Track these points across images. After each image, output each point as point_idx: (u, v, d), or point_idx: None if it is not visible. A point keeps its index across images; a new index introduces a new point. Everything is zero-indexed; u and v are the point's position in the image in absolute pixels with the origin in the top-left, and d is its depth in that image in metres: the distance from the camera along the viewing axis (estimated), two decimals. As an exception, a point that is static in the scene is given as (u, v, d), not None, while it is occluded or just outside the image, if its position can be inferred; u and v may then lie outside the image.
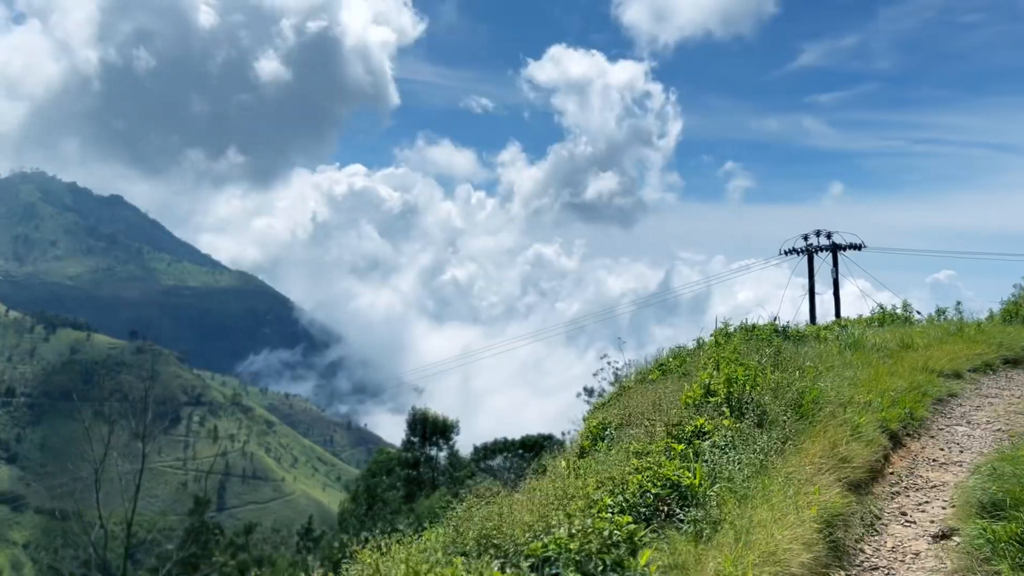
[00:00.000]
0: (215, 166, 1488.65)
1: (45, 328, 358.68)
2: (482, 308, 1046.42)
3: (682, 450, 7.84)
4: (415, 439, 47.76)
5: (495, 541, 5.63)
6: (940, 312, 23.02)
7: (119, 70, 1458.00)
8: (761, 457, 8.17)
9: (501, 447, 53.64)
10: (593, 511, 6.00)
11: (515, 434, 51.71)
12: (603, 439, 9.88)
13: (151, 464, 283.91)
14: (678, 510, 6.66)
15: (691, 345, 16.54)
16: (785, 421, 9.44)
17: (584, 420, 13.02)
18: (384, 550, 6.04)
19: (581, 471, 7.51)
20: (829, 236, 38.08)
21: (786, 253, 38.30)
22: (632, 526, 5.76)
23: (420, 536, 6.76)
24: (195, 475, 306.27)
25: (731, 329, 15.05)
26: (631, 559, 5.40)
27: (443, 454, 48.46)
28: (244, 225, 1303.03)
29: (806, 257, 37.86)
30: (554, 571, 5.13)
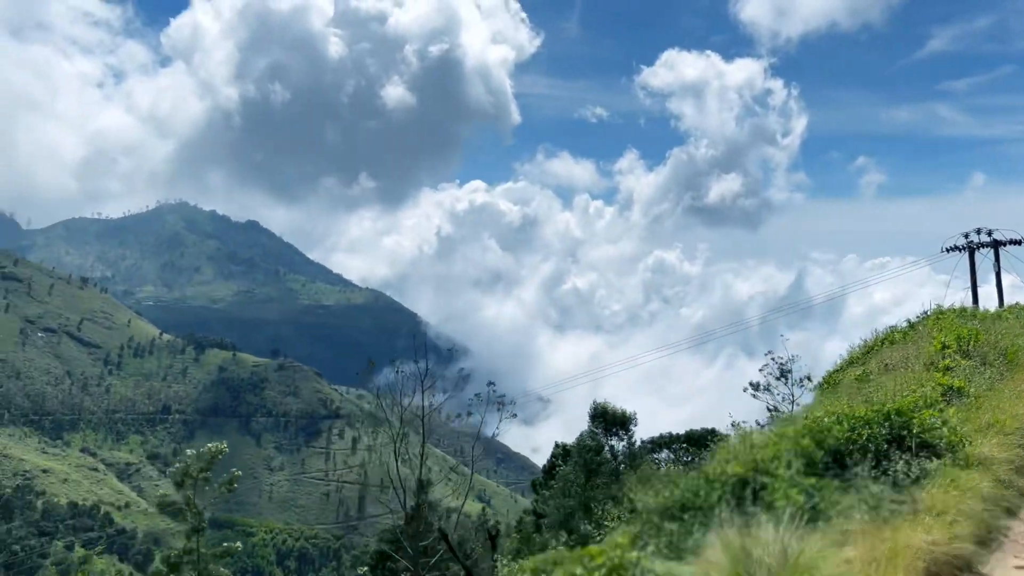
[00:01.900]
0: (348, 192, 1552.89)
1: (195, 349, 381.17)
2: (604, 316, 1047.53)
3: (940, 376, 12.92)
4: (597, 430, 52.27)
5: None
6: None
7: (257, 104, 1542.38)
8: (990, 381, 13.19)
9: (667, 441, 58.01)
10: (916, 393, 11.25)
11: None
12: (867, 381, 14.93)
13: (297, 475, 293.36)
14: (955, 399, 11.79)
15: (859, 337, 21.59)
16: (999, 363, 14.48)
17: (826, 378, 18.03)
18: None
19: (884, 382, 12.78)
20: (990, 233, 41.56)
21: (947, 250, 41.92)
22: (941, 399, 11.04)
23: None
24: (336, 485, 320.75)
25: (943, 309, 20.20)
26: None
27: (623, 444, 52.59)
28: (373, 244, 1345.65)
29: (967, 253, 41.42)
30: (919, 408, 10.23)
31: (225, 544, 30.38)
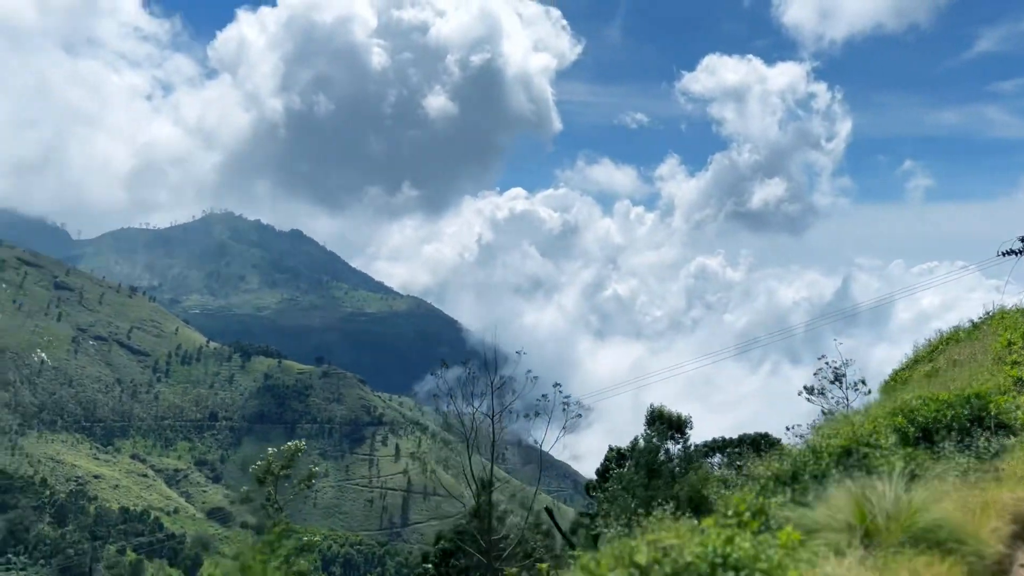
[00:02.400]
0: (391, 200, 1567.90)
1: (241, 357, 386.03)
2: (645, 323, 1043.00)
3: (1010, 368, 14.01)
4: (652, 433, 53.12)
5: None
6: None
7: (302, 115, 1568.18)
8: (1054, 373, 14.27)
9: (721, 445, 58.71)
10: (990, 382, 12.39)
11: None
12: (937, 376, 16.05)
13: (341, 482, 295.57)
14: (1024, 388, 12.94)
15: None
16: (1062, 356, 15.55)
17: (892, 376, 19.10)
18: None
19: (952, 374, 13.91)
20: (1048, 235, 41.62)
21: (1003, 254, 41.85)
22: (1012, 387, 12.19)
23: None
24: (380, 492, 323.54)
25: (1007, 310, 21.25)
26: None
27: (678, 447, 53.39)
28: (414, 252, 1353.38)
29: (1023, 256, 41.42)
30: (995, 394, 11.38)
31: (305, 538, 31.82)
